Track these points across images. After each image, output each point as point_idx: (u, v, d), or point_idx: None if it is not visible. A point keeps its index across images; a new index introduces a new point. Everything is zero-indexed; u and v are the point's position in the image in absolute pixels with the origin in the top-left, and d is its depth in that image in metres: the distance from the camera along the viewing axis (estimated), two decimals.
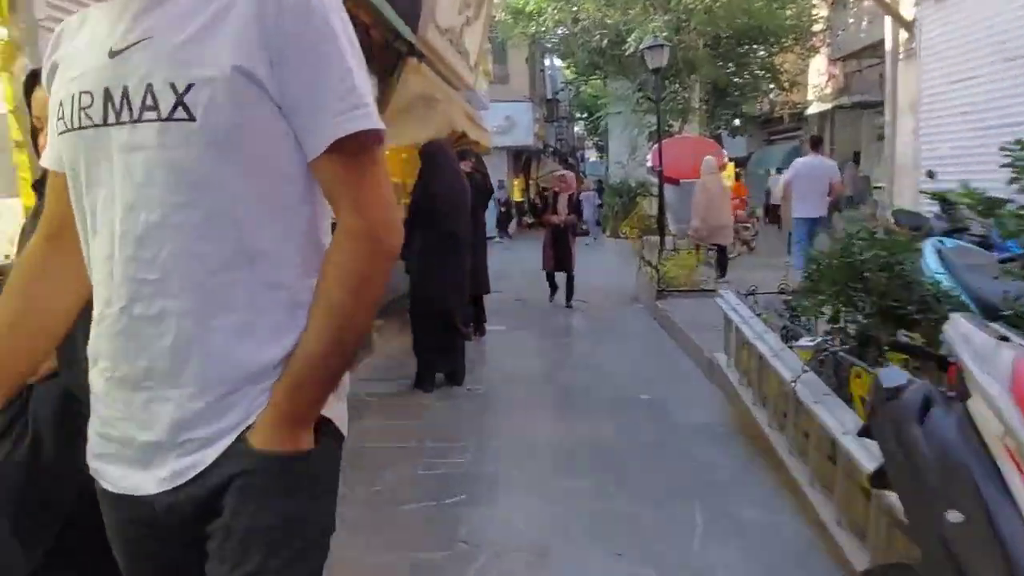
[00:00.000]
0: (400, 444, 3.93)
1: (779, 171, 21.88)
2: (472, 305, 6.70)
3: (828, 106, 23.27)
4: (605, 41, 13.74)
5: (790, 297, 4.45)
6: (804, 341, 3.64)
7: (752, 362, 4.00)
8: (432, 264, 4.80)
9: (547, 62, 29.60)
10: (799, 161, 8.43)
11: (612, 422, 4.31)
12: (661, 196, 9.21)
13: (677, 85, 14.45)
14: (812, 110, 24.52)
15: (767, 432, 3.52)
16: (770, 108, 24.30)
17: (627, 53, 13.06)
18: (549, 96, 25.83)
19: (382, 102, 5.97)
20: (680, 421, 4.31)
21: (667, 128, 14.63)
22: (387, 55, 5.89)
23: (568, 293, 8.40)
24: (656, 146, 12.20)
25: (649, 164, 11.89)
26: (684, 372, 5.50)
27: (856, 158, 22.05)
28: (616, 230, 14.44)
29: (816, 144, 8.64)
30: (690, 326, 6.31)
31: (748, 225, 14.10)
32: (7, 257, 2.54)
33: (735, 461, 3.58)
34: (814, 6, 17.54)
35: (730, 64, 14.93)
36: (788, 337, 3.90)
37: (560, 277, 8.51)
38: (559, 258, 8.24)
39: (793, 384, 2.97)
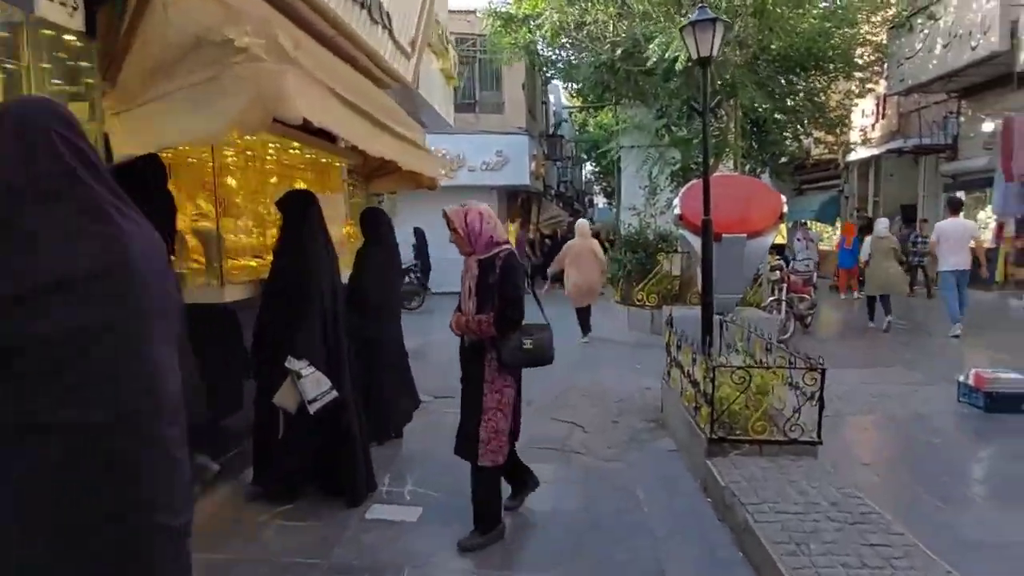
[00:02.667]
0: None
1: (803, 225, 18.54)
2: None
3: (877, 151, 20.07)
4: (618, 51, 10.56)
5: None
6: None
7: None
8: None
9: (551, 97, 26.71)
10: (944, 223, 9.84)
11: None
12: (708, 260, 5.84)
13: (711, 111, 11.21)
14: (856, 155, 21.30)
15: None
16: (805, 153, 21.06)
17: (647, 64, 9.84)
18: (551, 132, 22.73)
19: (108, 50, 2.59)
20: None
21: (692, 167, 11.34)
22: None
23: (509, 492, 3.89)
24: (687, 189, 8.85)
25: (677, 212, 8.51)
26: None
27: (907, 213, 18.71)
28: (630, 295, 10.97)
29: (958, 207, 10.05)
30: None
31: (805, 296, 10.64)
32: None
33: None
34: (869, 33, 14.29)
35: (774, 91, 11.69)
36: None
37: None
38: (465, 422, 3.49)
39: None
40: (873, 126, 20.17)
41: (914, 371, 7.60)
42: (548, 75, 16.06)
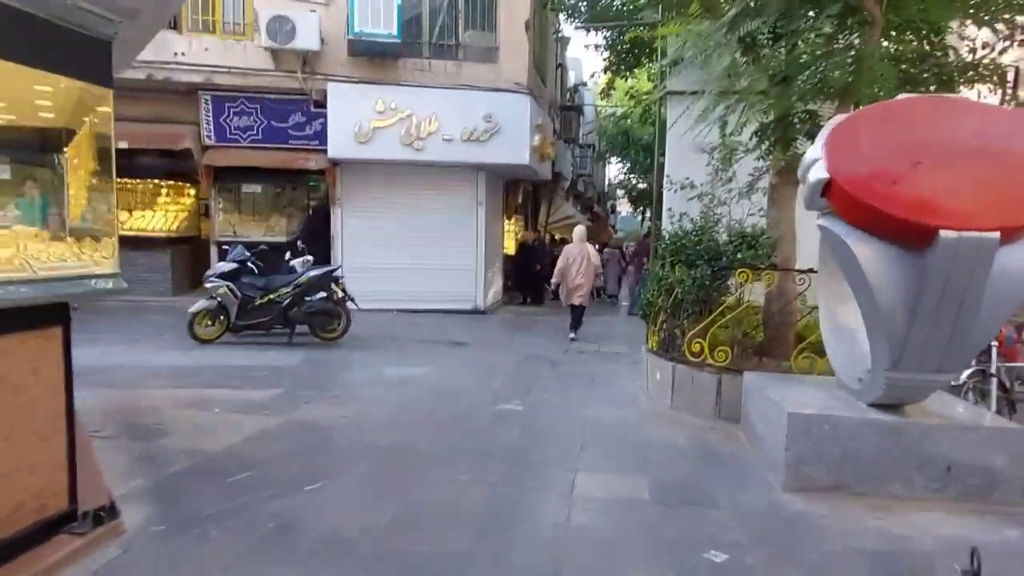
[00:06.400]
0: None
1: None
2: None
3: None
4: None
5: None
6: None
7: None
8: None
9: (572, 72, 21.75)
10: None
11: None
12: None
13: (842, 23, 6.30)
14: None
15: None
16: None
17: None
18: (567, 103, 17.72)
19: None
20: None
21: (799, 118, 6.32)
22: None
23: None
24: (842, 125, 3.88)
25: (818, 175, 3.52)
26: None
27: None
28: (677, 344, 5.97)
29: None
30: None
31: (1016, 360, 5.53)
32: None
33: None
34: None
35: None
36: None
37: None
38: None
39: None
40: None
41: None
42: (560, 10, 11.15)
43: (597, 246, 13.65)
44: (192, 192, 13.15)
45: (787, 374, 5.36)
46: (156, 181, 12.67)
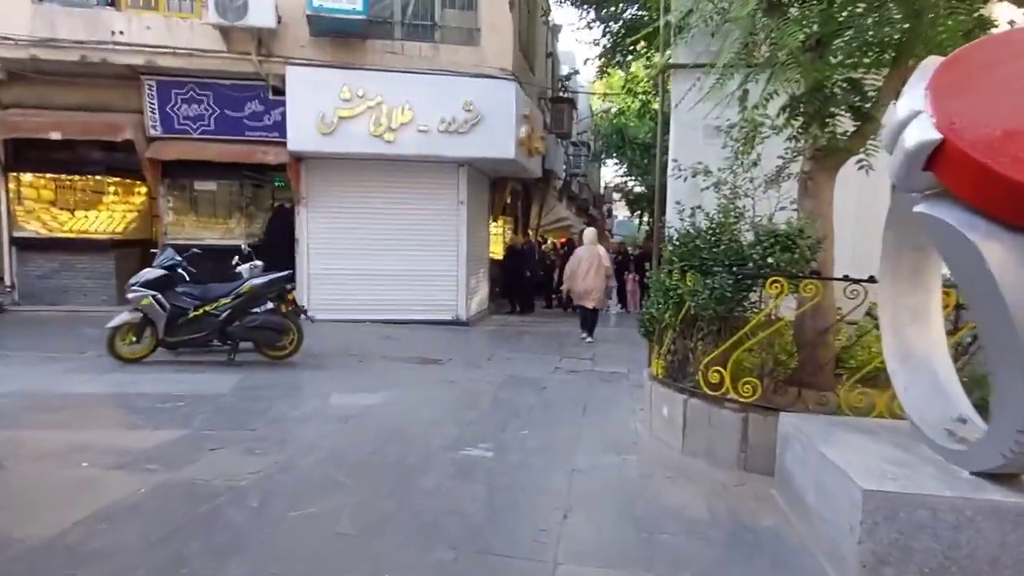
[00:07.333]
0: None
1: None
2: None
3: None
4: None
5: None
6: None
7: None
8: None
9: (563, 64, 20.55)
10: None
11: None
12: None
13: None
14: None
15: None
16: None
17: None
18: (558, 93, 16.45)
19: None
20: None
21: (840, 88, 5.08)
22: None
23: None
24: (951, 63, 2.61)
25: (923, 136, 2.24)
26: None
27: None
28: (688, 371, 4.70)
29: None
30: None
31: None
32: None
33: None
34: None
35: None
36: None
37: None
38: None
39: None
40: None
41: None
42: None
43: None
44: (143, 190, 11.85)
45: (836, 415, 4.09)
46: (99, 177, 11.34)
